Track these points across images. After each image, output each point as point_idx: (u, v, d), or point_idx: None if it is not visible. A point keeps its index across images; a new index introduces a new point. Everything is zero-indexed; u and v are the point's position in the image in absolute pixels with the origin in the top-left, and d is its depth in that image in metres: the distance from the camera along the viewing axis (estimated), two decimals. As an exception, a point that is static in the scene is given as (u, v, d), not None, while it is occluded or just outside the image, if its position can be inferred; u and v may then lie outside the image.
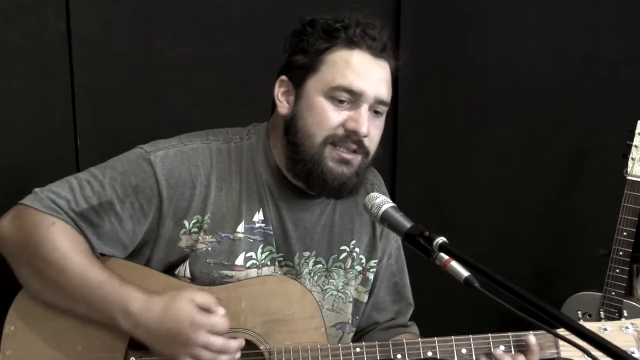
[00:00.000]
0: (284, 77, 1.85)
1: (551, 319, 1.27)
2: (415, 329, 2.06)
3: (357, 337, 2.03)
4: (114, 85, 2.49)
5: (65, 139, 2.45)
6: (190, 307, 1.69)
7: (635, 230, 2.61)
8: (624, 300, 2.63)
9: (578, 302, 2.74)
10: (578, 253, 2.97)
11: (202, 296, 1.71)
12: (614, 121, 2.76)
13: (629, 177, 2.60)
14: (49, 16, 2.37)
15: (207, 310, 1.69)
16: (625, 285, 2.65)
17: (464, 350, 1.78)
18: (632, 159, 2.59)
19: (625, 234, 2.60)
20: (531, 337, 1.76)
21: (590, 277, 2.77)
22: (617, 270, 2.63)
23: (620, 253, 2.62)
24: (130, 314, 1.70)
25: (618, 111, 2.82)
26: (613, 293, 2.63)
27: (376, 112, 1.82)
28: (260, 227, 1.86)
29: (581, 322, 1.82)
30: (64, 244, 1.73)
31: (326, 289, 1.94)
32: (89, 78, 2.44)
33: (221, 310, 1.71)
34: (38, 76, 2.39)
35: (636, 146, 2.59)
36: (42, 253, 1.73)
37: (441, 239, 1.44)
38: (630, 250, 2.61)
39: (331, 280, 1.94)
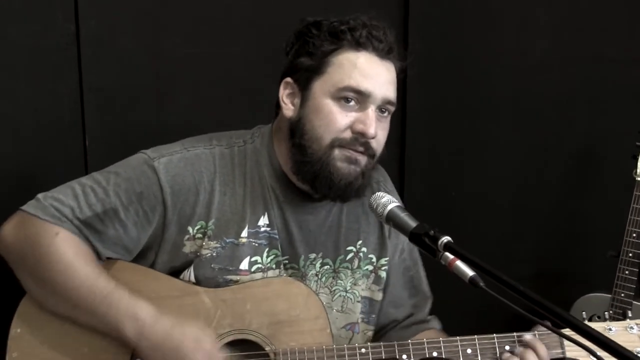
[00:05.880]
0: (288, 79, 1.84)
1: (556, 319, 1.27)
2: (435, 323, 2.05)
3: (379, 336, 2.02)
4: (123, 85, 2.50)
5: (73, 139, 2.45)
6: (198, 331, 1.71)
7: (644, 231, 2.60)
8: (634, 302, 2.61)
9: (587, 303, 2.72)
10: (587, 254, 2.96)
11: (208, 332, 1.74)
12: (624, 122, 2.75)
13: (639, 179, 2.58)
14: (58, 17, 2.38)
15: None
16: (634, 287, 2.63)
17: (469, 351, 1.78)
18: (642, 160, 2.58)
19: (634, 235, 2.59)
20: (526, 335, 1.77)
21: (600, 278, 2.75)
22: (627, 272, 2.62)
23: (630, 254, 2.60)
24: (139, 321, 1.69)
25: (628, 112, 2.81)
26: (622, 295, 2.62)
27: (382, 112, 1.82)
28: (265, 231, 1.85)
29: (586, 322, 1.82)
30: (69, 254, 1.72)
31: (334, 290, 1.93)
32: (98, 78, 2.45)
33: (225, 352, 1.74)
34: (46, 76, 2.39)
35: (645, 147, 2.58)
36: (46, 264, 1.71)
37: (446, 238, 1.44)
38: (640, 252, 2.61)
39: (339, 282, 1.94)
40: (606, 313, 1.87)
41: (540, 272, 2.99)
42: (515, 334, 1.77)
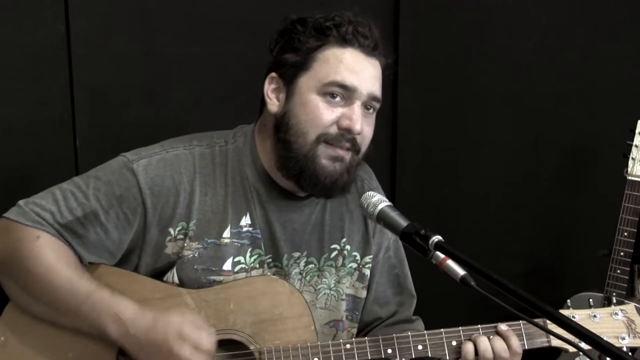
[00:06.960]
0: (273, 74, 1.84)
1: (544, 316, 1.28)
2: (420, 324, 2.04)
3: (363, 335, 2.01)
4: (113, 84, 2.50)
5: (64, 138, 2.45)
6: (181, 319, 1.69)
7: (635, 230, 2.59)
8: (625, 301, 2.62)
9: (579, 302, 2.72)
10: (579, 253, 2.96)
11: (195, 316, 1.72)
12: (615, 120, 2.75)
13: (630, 177, 2.59)
14: (48, 16, 2.37)
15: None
16: (626, 285, 2.64)
17: (454, 343, 1.78)
18: (633, 158, 2.58)
19: (625, 234, 2.59)
20: (501, 325, 1.78)
21: (592, 277, 2.76)
22: (618, 271, 2.62)
23: (621, 253, 2.61)
24: (121, 321, 1.69)
25: (619, 110, 2.81)
26: (614, 294, 2.62)
27: (368, 108, 1.82)
28: (247, 231, 1.85)
29: (570, 310, 1.83)
30: (50, 257, 1.71)
31: (319, 289, 1.93)
32: (88, 78, 2.45)
33: (211, 330, 1.70)
34: (37, 76, 2.40)
35: (636, 146, 2.58)
36: (27, 267, 1.71)
37: (437, 238, 1.44)
38: (631, 251, 2.60)
39: (324, 280, 1.93)
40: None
41: (532, 271, 3.00)
42: (499, 324, 1.78)
